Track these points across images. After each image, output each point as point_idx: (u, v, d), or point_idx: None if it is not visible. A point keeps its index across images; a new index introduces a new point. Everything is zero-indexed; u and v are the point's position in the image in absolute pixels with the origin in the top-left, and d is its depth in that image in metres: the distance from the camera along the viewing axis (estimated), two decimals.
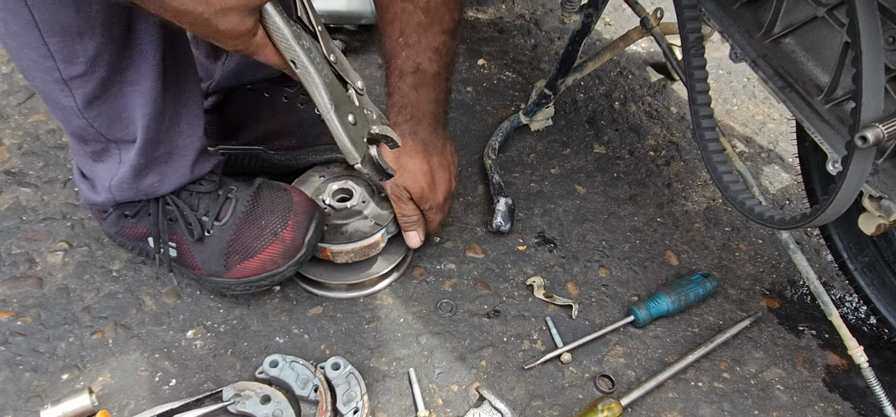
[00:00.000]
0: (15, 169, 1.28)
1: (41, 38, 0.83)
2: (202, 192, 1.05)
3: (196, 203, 1.05)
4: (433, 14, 0.98)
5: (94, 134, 0.96)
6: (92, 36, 0.84)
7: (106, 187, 1.02)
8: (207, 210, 1.04)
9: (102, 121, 0.94)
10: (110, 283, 1.12)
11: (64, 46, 0.84)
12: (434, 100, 1.05)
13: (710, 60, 1.73)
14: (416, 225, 1.13)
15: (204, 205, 1.05)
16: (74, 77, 0.87)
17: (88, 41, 0.84)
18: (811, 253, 1.32)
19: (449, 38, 1.01)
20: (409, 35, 0.99)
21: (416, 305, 1.15)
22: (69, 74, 0.87)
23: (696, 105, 1.04)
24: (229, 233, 1.03)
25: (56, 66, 0.86)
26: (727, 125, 1.60)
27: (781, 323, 1.19)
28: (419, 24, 0.98)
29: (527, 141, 1.48)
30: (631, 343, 1.13)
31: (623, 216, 1.35)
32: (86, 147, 1.00)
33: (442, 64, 1.03)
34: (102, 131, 0.95)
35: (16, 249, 1.15)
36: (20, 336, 1.04)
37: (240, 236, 1.03)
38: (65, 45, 0.84)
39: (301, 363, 1.00)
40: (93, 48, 0.85)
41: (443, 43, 1.01)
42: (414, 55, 1.00)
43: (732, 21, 1.02)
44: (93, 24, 0.83)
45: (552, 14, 1.89)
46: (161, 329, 1.07)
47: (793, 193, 1.44)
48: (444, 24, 1.00)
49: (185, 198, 1.04)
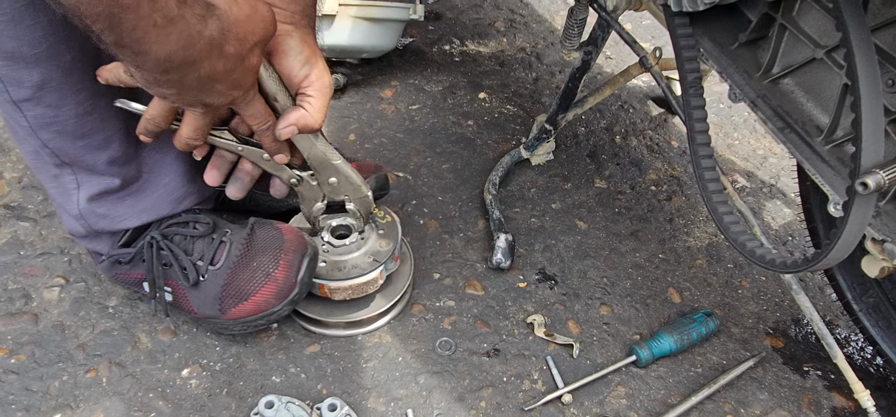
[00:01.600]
0: (14, 203, 1.28)
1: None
2: (196, 236, 1.04)
3: (191, 247, 1.04)
4: None
5: (48, 155, 0.94)
6: (37, 63, 0.82)
7: (75, 213, 1.01)
8: (202, 254, 1.04)
9: (56, 145, 0.92)
10: (106, 320, 1.11)
11: (10, 71, 0.83)
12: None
13: (712, 94, 1.75)
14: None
15: (198, 249, 1.04)
16: (23, 100, 0.86)
17: (33, 67, 0.83)
18: (815, 290, 1.31)
19: None
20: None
21: (414, 343, 1.13)
22: (18, 97, 0.85)
23: (696, 144, 1.04)
24: (223, 277, 1.03)
25: (5, 88, 0.84)
26: (728, 160, 1.60)
27: (786, 363, 1.17)
28: None
29: (527, 175, 1.48)
30: (633, 383, 1.11)
31: (624, 252, 1.34)
32: (41, 168, 0.98)
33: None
34: (57, 153, 0.94)
35: (12, 284, 1.15)
36: (13, 374, 1.03)
37: (233, 280, 1.03)
38: (11, 69, 0.82)
39: (297, 403, 0.98)
40: (37, 75, 0.84)
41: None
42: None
43: (731, 61, 1.02)
44: (37, 51, 0.81)
45: (553, 48, 1.90)
46: (156, 367, 1.06)
47: (795, 229, 1.43)
48: None
49: (179, 243, 1.04)
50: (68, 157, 0.94)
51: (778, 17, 0.96)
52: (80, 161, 0.95)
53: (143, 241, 1.04)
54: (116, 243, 1.05)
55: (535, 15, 2.04)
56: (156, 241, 1.03)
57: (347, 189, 1.07)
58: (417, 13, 1.58)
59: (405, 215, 1.35)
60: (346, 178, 1.05)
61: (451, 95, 1.69)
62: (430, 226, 1.34)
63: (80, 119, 0.90)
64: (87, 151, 0.94)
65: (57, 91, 0.86)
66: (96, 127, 0.92)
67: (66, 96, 0.87)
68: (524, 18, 2.02)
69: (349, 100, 1.64)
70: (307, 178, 1.04)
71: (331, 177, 1.04)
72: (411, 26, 1.88)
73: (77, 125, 0.91)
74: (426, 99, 1.67)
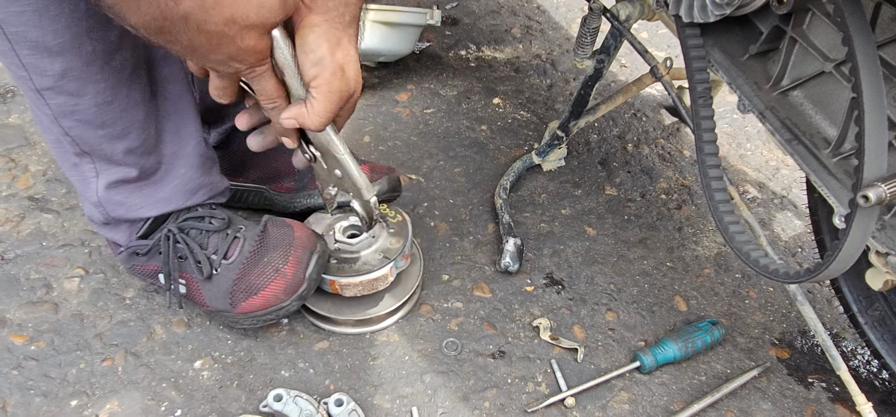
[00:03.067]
0: (38, 195, 1.32)
1: (13, 50, 0.84)
2: (212, 230, 1.07)
3: (206, 241, 1.07)
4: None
5: (69, 144, 0.97)
6: (59, 53, 0.85)
7: (94, 201, 1.04)
8: (216, 248, 1.07)
9: (77, 134, 0.95)
10: (123, 311, 1.15)
11: (34, 60, 0.85)
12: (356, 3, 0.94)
13: (725, 104, 1.75)
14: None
15: (213, 243, 1.07)
16: (46, 89, 0.89)
17: (56, 57, 0.85)
18: (823, 303, 1.31)
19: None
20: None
21: (421, 343, 1.15)
22: (41, 85, 0.88)
23: (704, 154, 1.05)
24: (235, 272, 1.06)
25: (29, 76, 0.87)
26: (740, 170, 1.60)
27: (791, 374, 1.18)
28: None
29: (538, 181, 1.49)
30: (636, 389, 1.12)
31: (632, 259, 1.35)
32: (63, 156, 1.01)
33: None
34: (78, 141, 0.97)
35: (34, 274, 1.18)
36: (33, 360, 1.07)
37: (244, 274, 1.05)
38: (35, 58, 0.85)
39: (305, 398, 1.01)
40: (60, 65, 0.86)
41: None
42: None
43: (740, 72, 1.03)
44: (60, 41, 0.84)
45: (569, 55, 1.91)
46: (169, 358, 1.09)
47: (805, 241, 1.43)
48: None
49: (194, 236, 1.07)
50: (88, 146, 0.98)
51: (788, 29, 0.97)
52: (99, 150, 0.98)
53: (160, 234, 1.07)
54: (134, 234, 1.08)
55: (552, 22, 2.06)
56: (173, 234, 1.06)
57: (350, 186, 1.03)
58: (434, 18, 1.60)
59: (416, 217, 1.37)
60: (347, 174, 1.01)
61: (466, 100, 1.71)
62: (440, 229, 1.36)
63: (99, 108, 0.93)
64: (105, 140, 0.97)
65: (77, 80, 0.89)
66: (115, 117, 0.95)
67: (86, 85, 0.90)
68: (541, 25, 2.03)
69: (365, 103, 1.67)
70: (321, 159, 1.01)
71: (335, 169, 1.01)
72: (428, 31, 1.90)
73: (97, 114, 0.94)
74: (441, 103, 1.69)
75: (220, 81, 0.85)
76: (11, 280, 1.17)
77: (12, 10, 0.80)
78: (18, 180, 1.34)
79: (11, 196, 1.31)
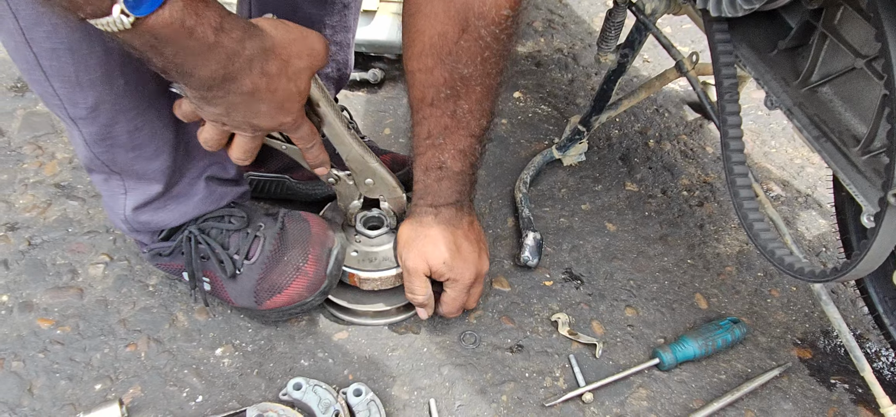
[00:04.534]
0: (64, 182, 1.34)
1: (47, 81, 0.86)
2: (232, 230, 1.08)
3: (227, 240, 1.08)
4: (459, 120, 0.99)
5: (100, 165, 0.99)
6: (92, 87, 0.87)
7: (121, 217, 1.06)
8: (238, 248, 1.08)
9: (108, 157, 0.97)
10: (146, 297, 1.16)
11: (67, 92, 0.87)
12: (457, 191, 1.06)
13: (751, 101, 1.73)
14: (423, 304, 1.11)
15: (234, 242, 1.08)
16: (79, 118, 0.91)
17: (88, 91, 0.87)
18: (847, 303, 1.29)
19: (476, 141, 1.02)
20: (436, 136, 1.01)
21: (439, 335, 1.15)
22: (74, 115, 0.90)
23: (729, 150, 1.03)
24: (258, 272, 1.07)
25: (62, 104, 0.89)
26: (765, 168, 1.58)
27: (813, 375, 1.16)
28: (446, 128, 1.00)
29: (559, 175, 1.49)
30: (655, 386, 1.11)
31: (652, 256, 1.33)
32: (94, 172, 1.03)
33: (467, 163, 1.04)
34: (109, 165, 0.98)
35: (60, 260, 1.20)
36: (59, 344, 1.08)
37: (267, 274, 1.07)
38: (67, 90, 0.87)
39: (324, 387, 1.01)
40: (92, 98, 0.88)
41: (469, 145, 1.02)
42: (439, 154, 1.02)
43: (768, 68, 1.01)
44: (92, 76, 0.86)
45: (591, 49, 1.90)
46: (191, 345, 1.10)
47: (829, 241, 1.41)
48: (471, 129, 1.01)
49: (215, 236, 1.08)
50: (119, 167, 0.99)
51: (819, 25, 0.95)
52: (130, 170, 1.00)
53: (181, 235, 1.08)
54: (157, 237, 1.10)
55: (574, 16, 2.04)
56: (194, 235, 1.07)
57: (383, 189, 1.11)
58: None
59: None
60: (382, 180, 1.11)
61: None
62: None
63: (131, 134, 0.95)
64: (137, 161, 0.99)
65: (110, 112, 0.91)
66: (146, 140, 0.97)
67: (118, 116, 0.92)
68: (563, 19, 2.02)
69: (385, 95, 1.67)
70: (344, 178, 1.09)
71: (367, 179, 1.08)
72: None
73: (128, 140, 0.96)
74: None
75: (251, 144, 0.92)
76: (38, 265, 1.19)
77: (46, 47, 0.82)
78: (45, 167, 1.37)
79: (39, 183, 1.33)
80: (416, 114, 1.02)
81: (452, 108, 0.98)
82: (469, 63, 0.94)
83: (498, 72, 0.97)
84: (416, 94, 1.00)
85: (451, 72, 0.95)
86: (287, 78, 0.83)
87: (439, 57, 0.94)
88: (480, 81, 0.97)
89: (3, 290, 1.15)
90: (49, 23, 0.80)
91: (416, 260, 1.06)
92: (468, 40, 0.92)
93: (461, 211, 1.07)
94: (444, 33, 0.93)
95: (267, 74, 0.81)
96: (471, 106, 0.98)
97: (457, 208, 1.06)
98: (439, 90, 0.97)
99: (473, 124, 1.01)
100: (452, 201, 1.06)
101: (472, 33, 0.92)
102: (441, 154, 1.02)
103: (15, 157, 1.38)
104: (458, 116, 0.99)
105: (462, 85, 0.96)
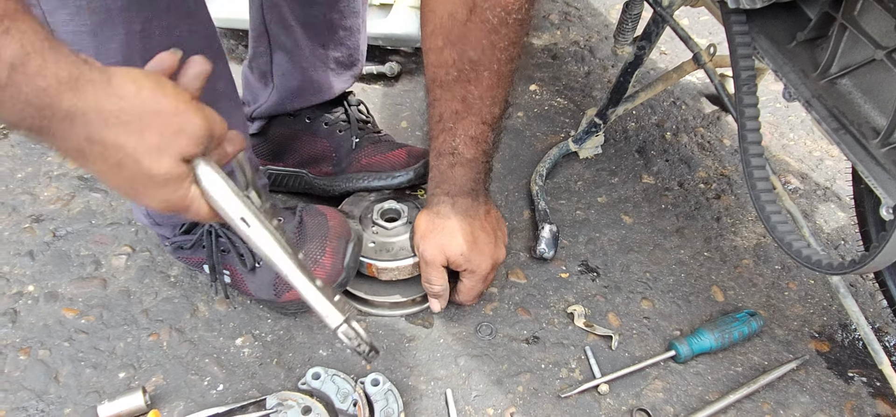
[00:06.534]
0: (87, 175, 1.36)
1: None
2: None
3: None
4: (470, 105, 0.99)
5: None
6: None
7: (143, 212, 1.08)
8: None
9: None
10: (168, 288, 1.18)
11: None
12: (472, 180, 1.06)
13: (769, 93, 1.72)
14: (439, 294, 1.12)
15: None
16: None
17: None
18: (865, 297, 1.28)
19: (488, 128, 1.02)
20: (447, 120, 1.01)
21: (456, 326, 1.16)
22: None
23: (747, 142, 1.03)
24: None
25: None
26: (783, 160, 1.57)
27: (830, 368, 1.16)
28: (456, 112, 1.00)
29: (575, 168, 1.49)
30: (671, 378, 1.11)
31: (669, 248, 1.33)
32: None
33: (479, 150, 1.04)
34: None
35: (84, 251, 1.23)
36: (83, 333, 1.11)
37: None
38: None
39: (342, 377, 1.03)
40: None
41: (481, 132, 1.02)
42: (450, 139, 1.02)
43: (787, 60, 1.01)
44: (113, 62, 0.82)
45: (607, 42, 1.89)
46: (212, 335, 1.12)
47: (848, 234, 1.40)
48: (483, 115, 1.01)
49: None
50: None
51: (838, 16, 0.95)
52: None
53: (202, 229, 1.10)
54: (178, 230, 1.12)
55: (591, 8, 2.04)
56: (214, 229, 1.09)
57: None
58: None
59: None
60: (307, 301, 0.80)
61: None
62: None
63: None
64: None
65: None
66: None
67: None
68: (579, 12, 2.01)
69: (402, 88, 1.68)
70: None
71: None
72: None
73: None
74: None
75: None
76: (63, 256, 1.22)
77: (70, 29, 0.83)
78: (68, 160, 1.39)
79: (62, 175, 1.36)
80: (429, 95, 1.03)
81: (462, 93, 0.98)
82: (476, 46, 0.94)
83: (508, 59, 0.97)
84: (429, 74, 1.01)
85: (459, 55, 0.95)
86: (135, 155, 0.65)
87: (448, 38, 0.94)
88: (489, 67, 0.96)
89: (29, 280, 1.18)
90: (73, 5, 0.80)
91: (434, 252, 1.07)
92: (475, 22, 0.92)
93: (477, 200, 1.08)
94: (453, 13, 0.93)
95: (99, 142, 0.63)
96: (481, 92, 0.98)
97: (473, 198, 1.07)
98: (448, 71, 0.97)
99: (485, 111, 1.01)
100: (468, 191, 1.06)
101: (479, 15, 0.91)
102: (453, 139, 1.02)
103: (39, 151, 1.41)
104: (468, 102, 0.99)
105: (470, 68, 0.96)
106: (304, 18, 1.21)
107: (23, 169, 1.37)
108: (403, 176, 1.26)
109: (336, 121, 1.31)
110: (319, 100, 1.30)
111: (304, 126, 1.31)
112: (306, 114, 1.31)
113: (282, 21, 1.21)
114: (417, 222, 1.10)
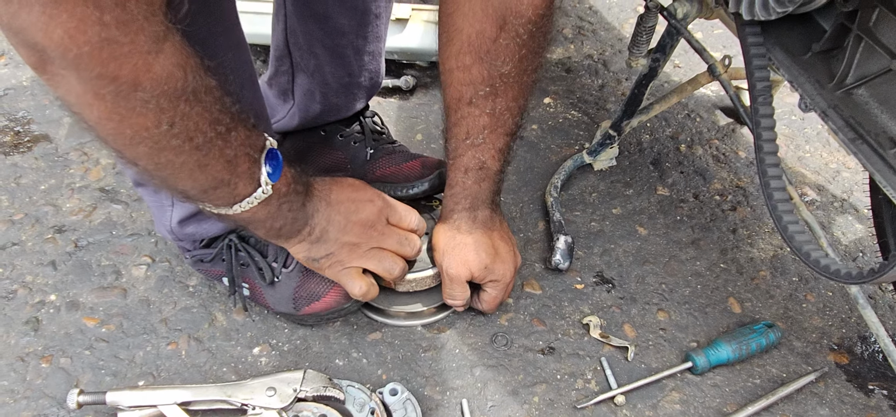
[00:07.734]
0: (108, 187, 1.39)
1: None
2: None
3: (265, 248, 1.11)
4: (498, 118, 1.01)
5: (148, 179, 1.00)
6: None
7: (167, 228, 1.09)
8: (276, 256, 1.11)
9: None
10: (187, 298, 1.20)
11: None
12: (493, 191, 1.08)
13: (784, 106, 1.71)
14: (462, 307, 1.15)
15: (272, 251, 1.11)
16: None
17: None
18: (885, 309, 1.27)
19: (511, 139, 1.05)
20: (476, 136, 1.02)
21: (472, 337, 1.17)
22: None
23: (763, 153, 1.03)
24: (295, 280, 1.10)
25: None
26: (799, 172, 1.56)
27: (850, 380, 1.15)
28: (485, 127, 1.01)
29: (589, 180, 1.49)
30: (688, 389, 1.11)
31: (685, 260, 1.33)
32: (140, 188, 1.07)
33: (504, 161, 1.06)
34: None
35: (105, 261, 1.25)
36: (103, 342, 1.12)
37: (304, 282, 1.10)
38: None
39: (357, 386, 1.03)
40: None
41: (505, 143, 1.04)
42: (479, 154, 1.04)
43: (802, 71, 1.01)
44: None
45: (621, 55, 1.90)
46: (230, 344, 1.13)
47: (867, 246, 1.39)
48: (508, 127, 1.03)
49: (254, 244, 1.11)
50: None
51: (854, 27, 0.95)
52: None
53: (222, 243, 1.11)
54: (198, 244, 1.13)
55: (604, 22, 2.04)
56: (234, 244, 1.11)
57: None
58: None
59: None
60: None
61: None
62: None
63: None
64: None
65: None
66: None
67: None
68: (592, 26, 2.02)
69: (417, 102, 1.69)
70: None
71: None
72: None
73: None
74: None
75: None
76: (84, 266, 1.24)
77: None
78: (90, 172, 1.42)
79: (84, 187, 1.38)
80: (453, 115, 1.03)
81: (491, 107, 1.00)
82: (507, 60, 0.96)
83: (534, 69, 0.99)
84: (453, 93, 1.01)
85: (489, 70, 0.96)
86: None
87: (478, 55, 0.95)
88: (517, 79, 0.98)
89: (51, 290, 1.20)
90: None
91: (459, 268, 1.08)
92: (506, 38, 0.94)
93: (495, 212, 1.09)
94: (482, 31, 0.94)
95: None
96: (507, 103, 1.00)
97: (492, 209, 1.08)
98: (478, 88, 0.98)
99: (509, 122, 1.02)
100: (490, 203, 1.07)
101: (510, 31, 0.93)
102: (481, 154, 1.03)
103: (62, 163, 1.43)
104: (496, 114, 1.00)
105: (501, 82, 0.98)
106: (330, 46, 1.21)
107: (46, 181, 1.39)
108: (418, 187, 1.27)
109: (351, 133, 1.33)
110: (338, 118, 1.31)
111: (319, 139, 1.33)
112: (321, 127, 1.33)
113: (307, 46, 1.22)
114: (436, 237, 1.11)
